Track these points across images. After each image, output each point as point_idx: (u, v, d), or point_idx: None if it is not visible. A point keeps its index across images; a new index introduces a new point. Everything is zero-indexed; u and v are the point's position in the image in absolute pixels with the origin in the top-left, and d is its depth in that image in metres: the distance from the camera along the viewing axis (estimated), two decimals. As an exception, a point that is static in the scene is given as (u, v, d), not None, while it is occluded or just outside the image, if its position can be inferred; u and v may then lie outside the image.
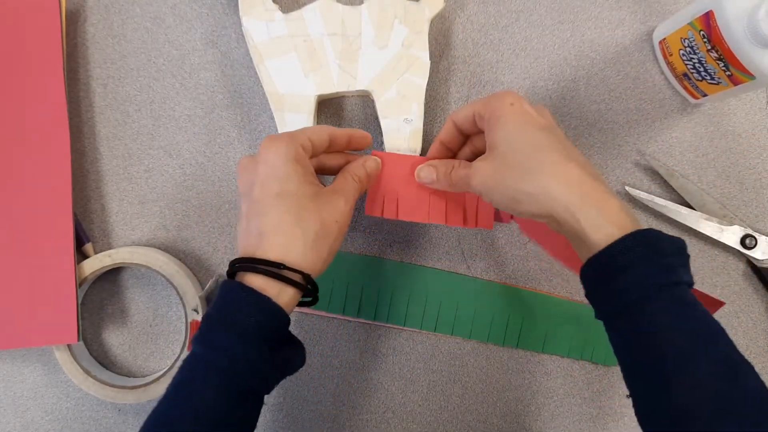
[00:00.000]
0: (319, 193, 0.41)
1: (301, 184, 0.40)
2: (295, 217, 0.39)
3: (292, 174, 0.40)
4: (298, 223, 0.39)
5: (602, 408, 0.55)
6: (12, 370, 0.53)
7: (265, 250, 0.39)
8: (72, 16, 0.53)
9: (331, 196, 0.42)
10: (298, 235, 0.39)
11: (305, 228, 0.39)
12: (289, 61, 0.50)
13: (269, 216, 0.39)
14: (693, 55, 0.49)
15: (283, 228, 0.39)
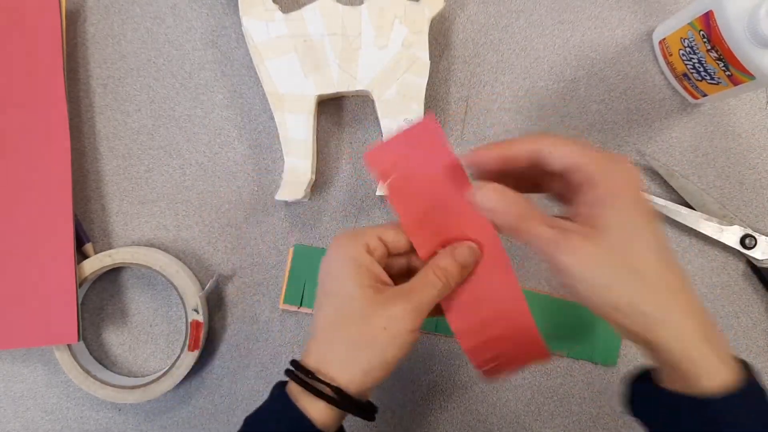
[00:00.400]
0: (377, 296, 0.36)
1: (354, 286, 0.36)
2: (334, 322, 0.36)
3: (344, 274, 0.36)
4: (337, 328, 0.36)
5: (602, 408, 0.55)
6: (12, 370, 0.53)
7: (308, 354, 0.37)
8: (72, 15, 0.53)
9: (392, 299, 0.36)
10: (336, 341, 0.36)
11: (344, 335, 0.36)
12: (289, 61, 0.50)
13: (316, 316, 0.37)
14: (693, 55, 0.49)
15: (323, 333, 0.37)
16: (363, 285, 0.36)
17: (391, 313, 0.35)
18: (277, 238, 0.54)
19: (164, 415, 0.54)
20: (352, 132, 0.54)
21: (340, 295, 0.36)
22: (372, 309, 0.35)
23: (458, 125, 0.54)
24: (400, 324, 0.35)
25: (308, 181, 0.51)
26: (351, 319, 0.36)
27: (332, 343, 0.36)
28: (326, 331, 0.36)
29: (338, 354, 0.36)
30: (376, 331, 0.35)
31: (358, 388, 0.35)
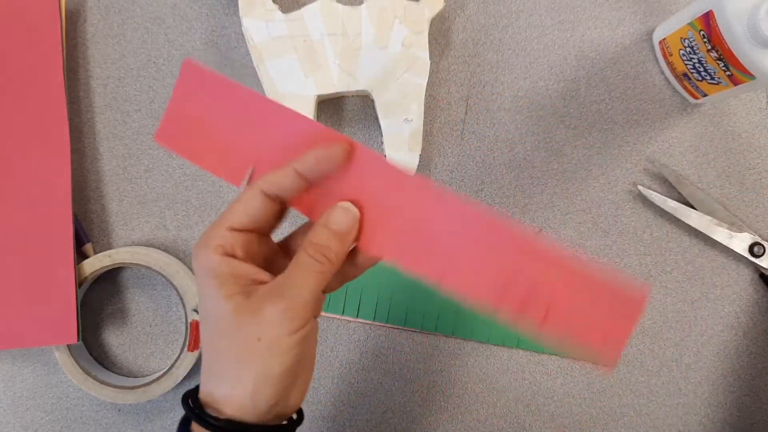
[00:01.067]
0: (246, 301, 0.31)
1: (218, 299, 0.31)
2: (211, 346, 0.32)
3: (207, 292, 0.31)
4: (214, 352, 0.32)
5: (602, 408, 0.55)
6: (12, 370, 0.53)
7: (201, 384, 0.33)
8: (72, 16, 0.53)
9: (262, 301, 0.30)
10: (215, 367, 0.32)
11: (220, 358, 0.31)
12: (289, 62, 0.50)
13: (203, 347, 0.33)
14: (693, 55, 0.49)
15: (206, 360, 0.32)
16: (229, 295, 0.31)
17: (261, 319, 0.30)
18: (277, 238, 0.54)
19: (164, 415, 0.53)
20: (352, 132, 0.54)
21: (210, 314, 0.31)
22: (243, 319, 0.30)
23: (458, 125, 0.54)
24: (275, 329, 0.30)
25: (308, 181, 0.51)
26: (224, 340, 0.31)
27: (213, 370, 0.32)
28: (207, 358, 0.32)
29: (221, 381, 0.31)
30: (249, 345, 0.30)
31: (256, 412, 0.31)
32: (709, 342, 0.55)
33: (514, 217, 0.54)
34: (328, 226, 0.31)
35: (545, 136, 0.55)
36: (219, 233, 0.32)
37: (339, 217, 0.31)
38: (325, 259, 0.31)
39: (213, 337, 0.32)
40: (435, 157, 0.54)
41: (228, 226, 0.32)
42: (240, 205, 0.32)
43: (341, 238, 0.31)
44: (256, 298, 0.31)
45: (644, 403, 0.55)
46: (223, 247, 0.31)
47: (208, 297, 0.31)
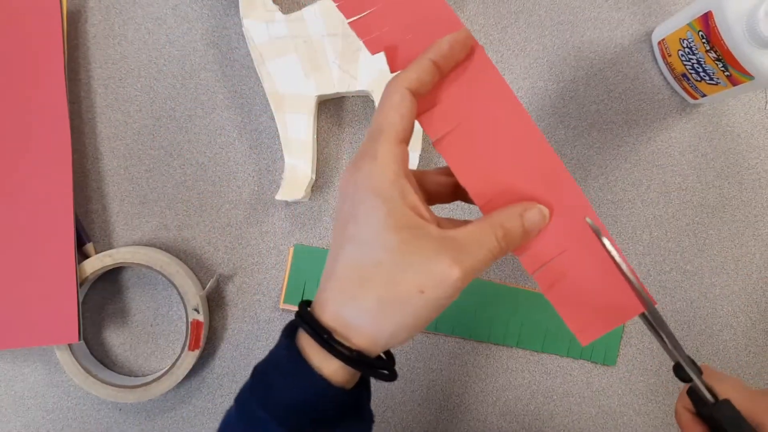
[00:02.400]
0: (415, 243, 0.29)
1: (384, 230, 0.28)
2: (360, 275, 0.29)
3: (371, 216, 0.29)
4: (362, 283, 0.29)
5: (602, 408, 0.55)
6: (13, 370, 0.53)
7: (323, 305, 0.31)
8: (73, 16, 0.53)
9: (435, 251, 0.28)
10: (359, 298, 0.29)
11: (370, 292, 0.29)
12: (289, 62, 0.50)
13: (335, 263, 0.30)
14: (692, 56, 0.49)
15: (343, 285, 0.30)
16: (398, 227, 0.28)
17: (431, 272, 0.28)
18: (277, 238, 0.54)
19: (164, 415, 0.54)
20: (352, 132, 0.54)
21: (367, 241, 0.29)
22: (407, 261, 0.28)
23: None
24: (442, 289, 0.28)
25: (308, 181, 0.51)
26: (380, 272, 0.29)
27: (355, 300, 0.29)
28: (348, 284, 0.30)
29: (362, 313, 0.29)
30: (410, 293, 0.28)
31: (381, 349, 0.30)
32: (708, 342, 0.55)
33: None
34: (523, 221, 0.31)
35: (545, 136, 0.55)
36: (389, 148, 0.29)
37: (535, 217, 0.31)
38: (505, 246, 0.30)
39: (365, 265, 0.29)
40: (435, 157, 0.54)
41: (393, 138, 0.29)
42: (392, 110, 0.30)
43: (526, 236, 0.31)
44: (430, 243, 0.29)
45: (644, 403, 0.55)
46: (395, 164, 0.29)
47: (372, 220, 0.29)
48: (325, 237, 0.54)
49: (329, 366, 0.30)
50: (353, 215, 0.30)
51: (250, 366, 0.53)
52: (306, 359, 0.30)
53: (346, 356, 0.30)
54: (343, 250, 0.30)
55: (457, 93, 0.31)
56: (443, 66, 0.30)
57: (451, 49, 0.30)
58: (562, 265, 0.32)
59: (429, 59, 0.30)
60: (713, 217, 0.55)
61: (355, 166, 0.30)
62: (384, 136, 0.29)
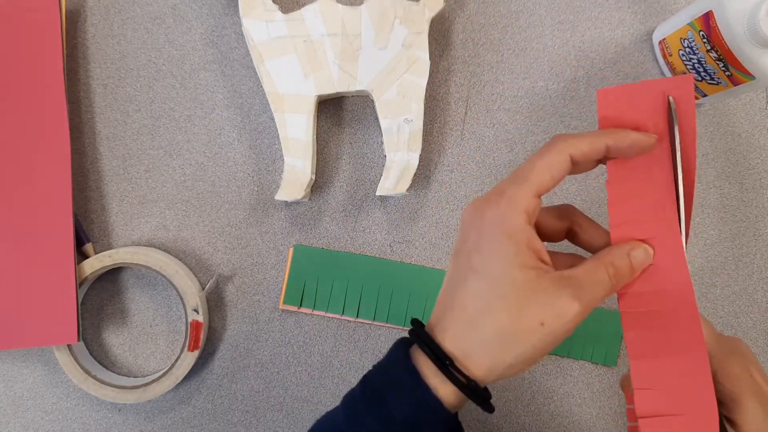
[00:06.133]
0: (538, 279, 0.31)
1: (512, 267, 0.31)
2: (484, 305, 0.31)
3: (500, 252, 0.31)
4: (485, 314, 0.31)
5: (602, 408, 0.55)
6: (12, 370, 0.53)
7: (443, 330, 0.32)
8: (72, 16, 0.53)
9: (556, 288, 0.31)
10: (482, 328, 0.31)
11: (493, 323, 0.31)
12: (289, 62, 0.50)
13: (459, 291, 0.32)
14: (693, 56, 0.49)
15: (465, 314, 0.32)
16: (524, 266, 0.31)
17: (554, 307, 0.30)
18: (277, 238, 0.54)
19: (164, 415, 0.54)
20: (352, 132, 0.54)
21: (494, 275, 0.31)
22: (532, 297, 0.31)
23: (458, 125, 0.54)
24: (562, 322, 0.30)
25: (308, 181, 0.51)
26: (504, 306, 0.31)
27: (477, 330, 0.31)
28: (471, 314, 0.31)
29: (482, 344, 0.31)
30: (532, 325, 0.30)
31: (495, 380, 0.32)
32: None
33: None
34: (630, 258, 0.33)
35: (545, 136, 0.55)
36: (526, 196, 0.31)
37: (641, 255, 0.33)
38: (615, 282, 0.32)
39: (491, 298, 0.31)
40: (435, 157, 0.54)
41: (536, 191, 0.32)
42: (546, 168, 0.32)
43: (632, 274, 0.33)
44: (552, 282, 0.31)
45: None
46: (528, 214, 0.31)
47: (501, 258, 0.31)
48: (325, 237, 0.54)
49: (444, 389, 0.32)
50: (479, 249, 0.32)
51: (250, 366, 0.54)
52: (424, 380, 0.32)
53: (463, 384, 0.31)
54: (467, 280, 0.32)
55: None
56: (612, 154, 0.33)
57: (630, 147, 0.32)
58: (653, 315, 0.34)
59: (605, 142, 0.32)
60: (714, 218, 0.55)
61: (488, 202, 0.32)
62: (528, 185, 0.32)
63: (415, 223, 0.54)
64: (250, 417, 0.54)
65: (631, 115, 0.33)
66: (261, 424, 0.54)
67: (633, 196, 0.33)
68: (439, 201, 0.54)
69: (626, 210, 0.34)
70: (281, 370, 0.54)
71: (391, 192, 0.50)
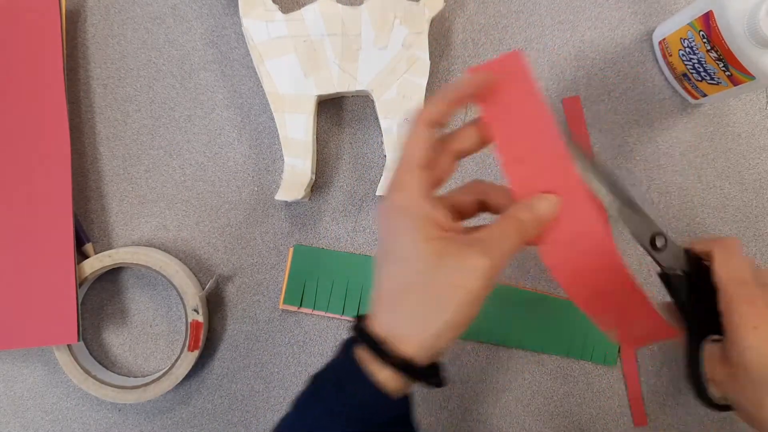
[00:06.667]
0: (447, 247, 0.32)
1: (416, 241, 0.32)
2: (400, 284, 0.33)
3: (403, 230, 0.33)
4: (403, 292, 0.32)
5: (602, 408, 0.55)
6: (12, 370, 0.53)
7: (374, 318, 0.33)
8: (72, 16, 0.53)
9: (465, 250, 0.32)
10: (403, 306, 0.32)
11: (411, 298, 0.32)
12: (289, 62, 0.50)
13: (379, 280, 0.34)
14: (693, 56, 0.49)
15: (388, 297, 0.33)
16: (428, 238, 0.32)
17: (464, 267, 0.31)
18: (277, 238, 0.54)
19: (164, 415, 0.54)
20: (352, 132, 0.54)
21: (403, 253, 0.33)
22: (441, 264, 0.31)
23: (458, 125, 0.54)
24: (478, 281, 0.31)
25: (308, 181, 0.51)
26: (418, 279, 0.32)
27: (400, 309, 0.32)
28: (392, 296, 0.33)
29: (407, 320, 0.32)
30: (447, 290, 0.31)
31: (430, 354, 0.32)
32: (709, 342, 0.55)
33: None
34: (533, 210, 0.34)
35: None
36: (412, 174, 0.33)
37: (544, 204, 0.34)
38: (525, 233, 0.33)
39: (405, 276, 0.32)
40: (435, 157, 0.54)
41: (417, 164, 0.33)
42: (414, 143, 0.34)
43: (538, 223, 0.34)
44: (458, 245, 0.32)
45: (645, 404, 0.55)
46: (420, 189, 0.33)
47: (405, 238, 0.32)
48: (324, 237, 0.54)
49: (383, 374, 0.32)
50: (388, 236, 0.34)
51: (250, 366, 0.53)
52: (365, 369, 0.33)
53: (399, 364, 0.32)
54: (384, 267, 0.34)
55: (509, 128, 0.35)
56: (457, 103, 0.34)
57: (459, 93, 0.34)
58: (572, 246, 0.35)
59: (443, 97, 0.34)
60: (714, 218, 0.55)
61: (387, 192, 0.34)
62: (406, 165, 0.34)
63: (415, 223, 0.54)
64: (250, 417, 0.54)
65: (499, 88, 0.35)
66: (261, 424, 0.54)
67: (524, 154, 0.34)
68: (439, 201, 0.54)
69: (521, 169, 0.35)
70: (281, 370, 0.54)
71: (391, 192, 0.50)
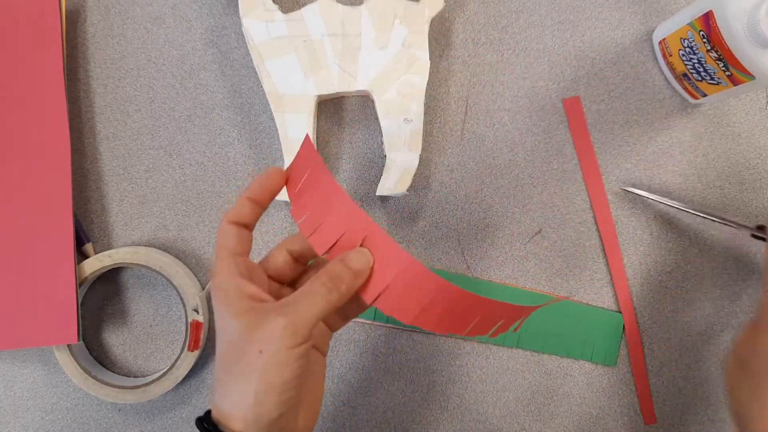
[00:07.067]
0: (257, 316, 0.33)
1: (229, 316, 0.33)
2: (220, 360, 0.34)
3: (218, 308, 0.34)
4: (222, 367, 0.34)
5: (602, 408, 0.55)
6: (12, 370, 0.53)
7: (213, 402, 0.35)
8: (72, 16, 0.53)
9: (266, 317, 0.32)
10: (223, 381, 0.34)
11: (227, 371, 0.33)
12: (289, 62, 0.50)
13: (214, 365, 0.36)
14: (693, 56, 0.49)
15: (215, 375, 0.34)
16: (238, 313, 0.33)
17: (265, 331, 0.32)
18: (277, 238, 0.54)
19: (164, 415, 0.54)
20: (352, 132, 0.54)
21: (219, 332, 0.34)
22: (247, 334, 0.32)
23: (458, 125, 0.54)
24: (276, 342, 0.32)
25: (308, 181, 0.51)
26: (232, 353, 0.33)
27: (224, 386, 0.33)
28: (218, 374, 0.34)
29: (228, 394, 0.33)
30: (251, 357, 0.32)
31: (263, 424, 0.32)
32: (709, 341, 0.55)
33: (515, 217, 0.54)
34: (345, 263, 0.33)
35: (545, 136, 0.55)
36: (224, 260, 0.35)
37: (356, 257, 0.34)
38: (335, 289, 0.33)
39: (224, 353, 0.34)
40: (435, 157, 0.54)
41: (227, 252, 0.35)
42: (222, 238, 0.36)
43: (355, 275, 0.34)
44: (265, 313, 0.33)
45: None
46: (229, 269, 0.35)
47: (220, 316, 0.34)
48: (324, 237, 0.54)
49: None
50: (216, 320, 0.35)
51: (249, 366, 0.53)
52: None
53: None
54: (216, 351, 0.35)
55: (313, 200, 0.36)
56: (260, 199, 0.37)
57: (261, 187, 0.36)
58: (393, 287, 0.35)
59: (245, 197, 0.36)
60: (714, 217, 0.55)
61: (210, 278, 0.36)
62: (218, 253, 0.36)
63: (415, 223, 0.54)
64: (250, 417, 0.54)
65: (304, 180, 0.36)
66: (261, 424, 0.54)
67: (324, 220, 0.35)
68: (439, 201, 0.54)
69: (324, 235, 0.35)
70: (281, 370, 0.54)
71: (391, 192, 0.50)
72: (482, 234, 0.54)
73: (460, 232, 0.54)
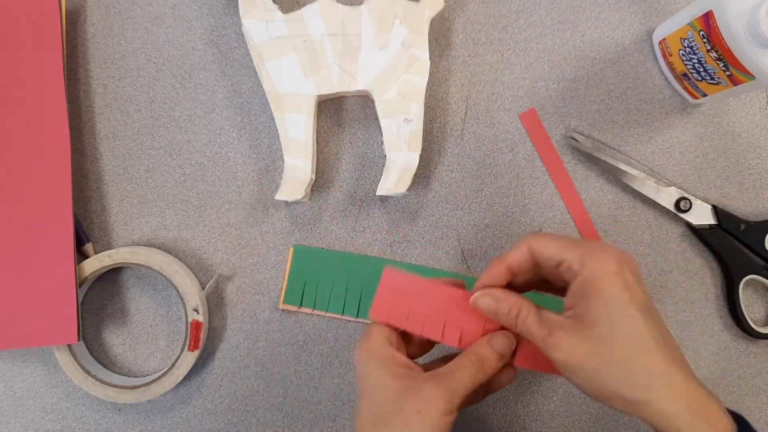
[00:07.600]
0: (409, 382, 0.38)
1: (383, 378, 0.38)
2: (372, 418, 0.38)
3: (371, 371, 0.39)
4: (375, 425, 0.37)
5: (602, 408, 0.55)
6: (12, 370, 0.53)
7: None
8: (72, 15, 0.53)
9: (425, 382, 0.37)
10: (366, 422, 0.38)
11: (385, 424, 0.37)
12: (289, 62, 0.50)
13: (360, 410, 0.39)
14: (693, 56, 0.49)
15: (367, 425, 0.38)
16: (394, 376, 0.38)
17: (424, 395, 0.37)
18: (277, 238, 0.54)
19: (164, 415, 0.54)
20: (352, 132, 0.54)
21: (373, 391, 0.38)
22: (405, 395, 0.37)
23: (458, 125, 0.54)
24: (433, 406, 0.36)
25: (308, 181, 0.51)
26: (385, 410, 0.37)
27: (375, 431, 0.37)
28: (365, 421, 0.38)
29: None
30: (409, 417, 0.36)
31: None
32: (709, 342, 0.55)
33: (515, 217, 0.54)
34: (491, 345, 0.39)
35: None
36: (379, 331, 0.41)
37: (502, 341, 0.40)
38: (481, 368, 0.39)
39: (374, 412, 0.38)
40: (435, 157, 0.54)
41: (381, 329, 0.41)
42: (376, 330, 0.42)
43: (499, 357, 0.39)
44: (420, 380, 0.38)
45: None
46: (385, 340, 0.40)
47: (375, 376, 0.39)
48: (324, 237, 0.54)
49: None
50: (363, 376, 0.39)
51: (250, 366, 0.53)
52: None
53: None
54: (361, 406, 0.39)
55: None
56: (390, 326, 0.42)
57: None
58: None
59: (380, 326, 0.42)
60: (714, 217, 0.55)
61: (358, 345, 0.41)
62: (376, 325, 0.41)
63: (415, 223, 0.54)
64: (250, 417, 0.54)
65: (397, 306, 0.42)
66: (261, 424, 0.54)
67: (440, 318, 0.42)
68: (439, 201, 0.54)
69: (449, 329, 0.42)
70: (281, 370, 0.54)
71: (391, 192, 0.50)
72: (482, 234, 0.54)
73: (460, 232, 0.54)
